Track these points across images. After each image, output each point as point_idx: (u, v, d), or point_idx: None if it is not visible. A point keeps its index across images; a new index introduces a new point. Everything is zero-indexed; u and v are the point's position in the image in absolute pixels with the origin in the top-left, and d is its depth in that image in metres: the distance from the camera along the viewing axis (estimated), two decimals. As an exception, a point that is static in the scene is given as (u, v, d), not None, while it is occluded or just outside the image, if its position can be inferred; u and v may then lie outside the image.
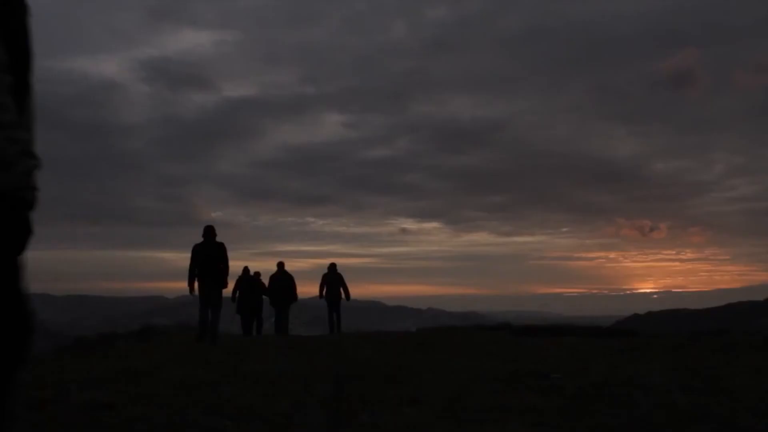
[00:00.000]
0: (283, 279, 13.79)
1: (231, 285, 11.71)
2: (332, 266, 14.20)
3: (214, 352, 7.54)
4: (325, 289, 14.12)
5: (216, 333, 9.36)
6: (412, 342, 9.42)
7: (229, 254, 9.66)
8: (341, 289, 14.03)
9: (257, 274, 14.15)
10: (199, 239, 9.69)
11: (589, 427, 3.15)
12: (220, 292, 9.62)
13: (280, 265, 13.95)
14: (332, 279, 14.02)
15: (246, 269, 13.94)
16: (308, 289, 16.50)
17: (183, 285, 9.53)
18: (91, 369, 6.03)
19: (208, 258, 9.46)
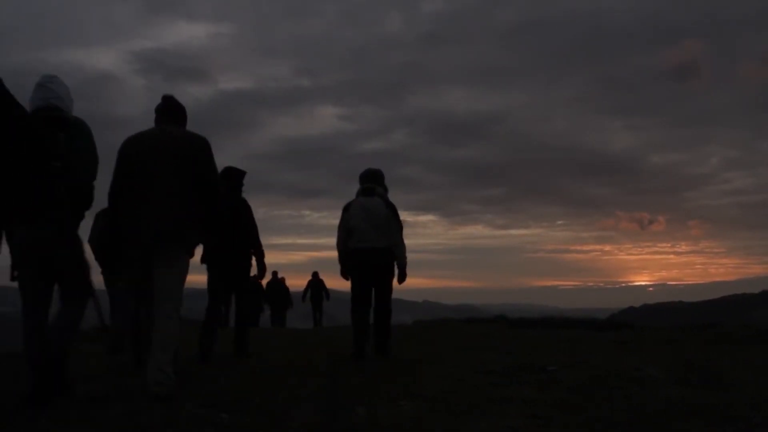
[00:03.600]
0: (278, 286, 16.38)
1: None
2: (315, 274, 17.41)
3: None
4: (309, 292, 17.18)
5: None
6: (407, 335, 9.43)
7: None
8: (323, 293, 17.18)
9: (254, 277, 16.11)
10: None
11: (585, 420, 3.16)
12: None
13: (274, 273, 16.47)
14: (316, 284, 17.25)
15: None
16: (304, 281, 17.98)
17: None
18: (87, 362, 6.00)
19: None
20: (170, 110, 3.98)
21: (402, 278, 5.85)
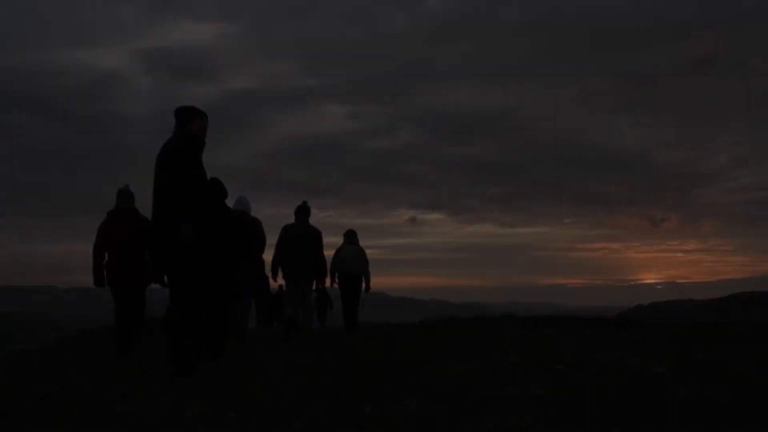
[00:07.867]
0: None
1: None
2: (322, 289, 18.99)
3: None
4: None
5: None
6: (415, 333, 9.44)
7: None
8: (327, 304, 19.61)
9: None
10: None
11: (592, 418, 3.15)
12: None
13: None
14: (322, 297, 19.23)
15: None
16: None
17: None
18: (96, 362, 6.04)
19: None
20: (304, 210, 8.15)
21: (368, 289, 10.32)
